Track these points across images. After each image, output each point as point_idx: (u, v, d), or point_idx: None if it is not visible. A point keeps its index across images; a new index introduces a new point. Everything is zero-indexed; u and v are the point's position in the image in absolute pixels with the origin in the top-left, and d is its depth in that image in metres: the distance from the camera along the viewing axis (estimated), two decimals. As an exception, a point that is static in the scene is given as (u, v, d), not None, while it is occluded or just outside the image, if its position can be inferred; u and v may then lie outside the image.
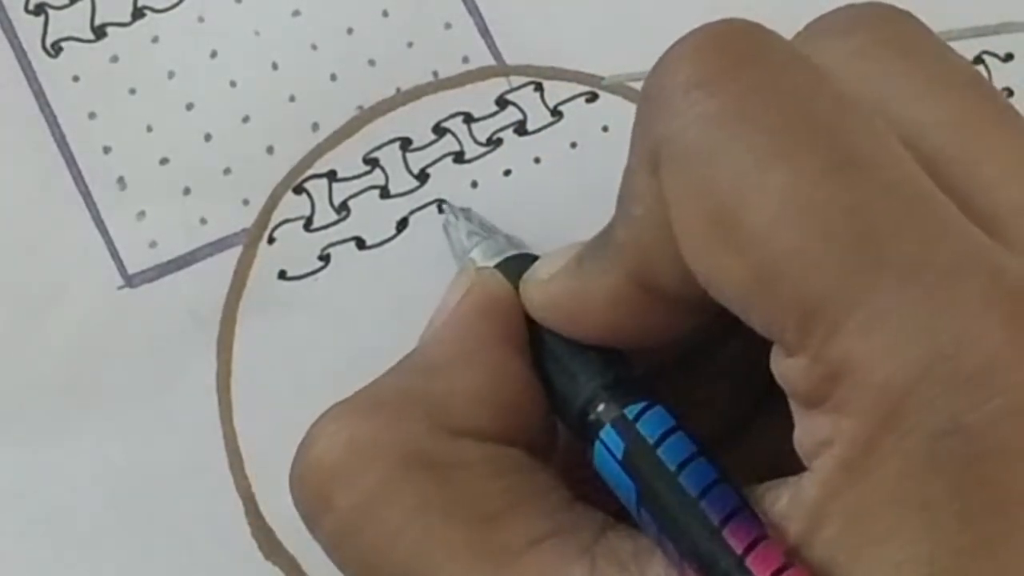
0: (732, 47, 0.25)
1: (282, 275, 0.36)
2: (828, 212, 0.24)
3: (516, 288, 0.30)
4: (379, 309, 0.35)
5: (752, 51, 0.25)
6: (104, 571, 0.34)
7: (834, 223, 0.24)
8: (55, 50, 0.37)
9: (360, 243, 0.36)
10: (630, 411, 0.27)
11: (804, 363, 0.24)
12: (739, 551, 0.25)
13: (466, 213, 0.35)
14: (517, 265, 0.31)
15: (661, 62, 0.26)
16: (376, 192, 0.36)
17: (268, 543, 0.34)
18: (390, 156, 0.37)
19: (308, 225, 0.36)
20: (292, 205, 0.36)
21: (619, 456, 0.27)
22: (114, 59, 0.37)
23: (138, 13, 0.37)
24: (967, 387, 0.23)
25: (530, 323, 0.30)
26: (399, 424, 0.28)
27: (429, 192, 0.36)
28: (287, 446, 0.35)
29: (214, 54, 0.37)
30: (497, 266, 0.31)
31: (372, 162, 0.36)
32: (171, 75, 0.37)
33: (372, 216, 0.36)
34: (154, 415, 0.35)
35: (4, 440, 0.35)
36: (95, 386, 0.35)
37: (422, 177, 0.36)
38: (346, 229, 0.36)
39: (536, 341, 0.30)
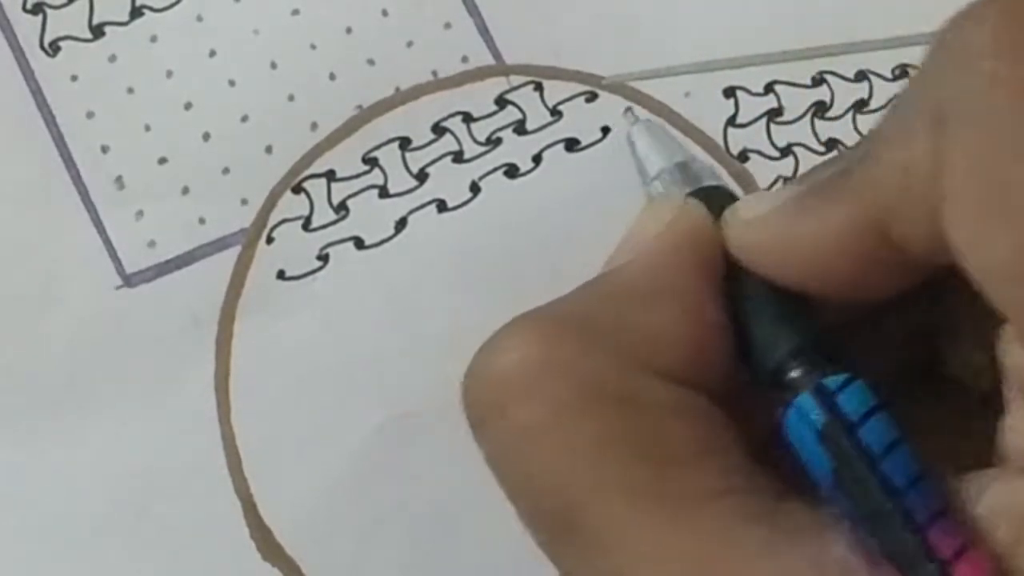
0: None
1: (281, 275, 0.36)
2: None
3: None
4: (377, 309, 0.35)
5: None
6: (103, 571, 0.34)
7: None
8: (53, 49, 0.37)
9: (359, 243, 0.36)
10: (832, 382, 0.25)
11: None
12: (947, 555, 0.23)
13: (654, 129, 0.31)
14: (713, 198, 0.29)
15: (965, 16, 0.25)
16: (375, 192, 0.36)
17: (266, 543, 0.34)
18: (389, 156, 0.36)
19: (307, 225, 0.36)
20: (291, 205, 0.36)
21: (817, 428, 0.25)
22: (112, 58, 0.37)
23: (136, 12, 0.37)
24: None
25: (727, 262, 0.28)
26: (588, 351, 0.27)
27: (428, 192, 0.36)
28: (285, 446, 0.35)
29: (213, 53, 0.37)
30: (692, 195, 0.29)
31: (371, 161, 0.36)
32: (169, 74, 0.37)
33: (371, 216, 0.36)
34: (152, 415, 0.35)
35: (1, 440, 0.35)
36: (93, 386, 0.35)
37: (421, 177, 0.36)
38: (345, 229, 0.36)
39: (733, 282, 0.27)
